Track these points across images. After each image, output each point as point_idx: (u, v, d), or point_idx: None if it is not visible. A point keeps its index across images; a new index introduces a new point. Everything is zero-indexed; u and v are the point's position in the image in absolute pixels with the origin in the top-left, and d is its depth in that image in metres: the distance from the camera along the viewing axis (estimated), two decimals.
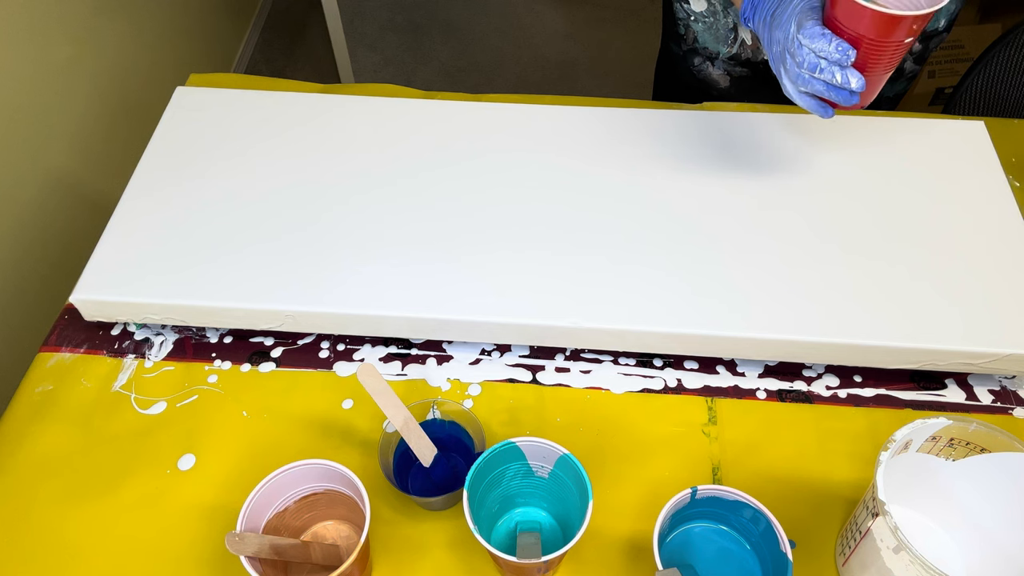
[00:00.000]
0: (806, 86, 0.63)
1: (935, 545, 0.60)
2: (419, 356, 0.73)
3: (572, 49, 2.22)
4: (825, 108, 0.65)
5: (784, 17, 0.64)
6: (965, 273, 0.69)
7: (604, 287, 0.69)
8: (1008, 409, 0.69)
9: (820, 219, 0.73)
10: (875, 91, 0.64)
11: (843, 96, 0.62)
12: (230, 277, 0.69)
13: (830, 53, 0.60)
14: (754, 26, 0.69)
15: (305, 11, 2.31)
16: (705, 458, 0.66)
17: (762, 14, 0.67)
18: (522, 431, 0.68)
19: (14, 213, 1.21)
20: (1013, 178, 0.85)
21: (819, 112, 0.65)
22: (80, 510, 0.63)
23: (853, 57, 0.60)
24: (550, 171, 0.77)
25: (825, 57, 0.60)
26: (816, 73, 0.61)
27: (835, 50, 0.60)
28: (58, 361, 0.72)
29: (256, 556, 0.54)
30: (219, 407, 0.69)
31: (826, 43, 0.60)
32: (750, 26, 0.70)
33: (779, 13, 0.64)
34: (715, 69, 0.98)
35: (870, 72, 0.62)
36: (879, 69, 0.62)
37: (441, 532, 0.62)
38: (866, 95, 0.64)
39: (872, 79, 0.62)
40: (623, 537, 0.62)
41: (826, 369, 0.71)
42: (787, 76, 0.65)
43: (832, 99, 0.63)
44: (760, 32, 0.68)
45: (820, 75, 0.61)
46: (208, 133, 0.81)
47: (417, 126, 0.82)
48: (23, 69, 1.21)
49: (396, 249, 0.71)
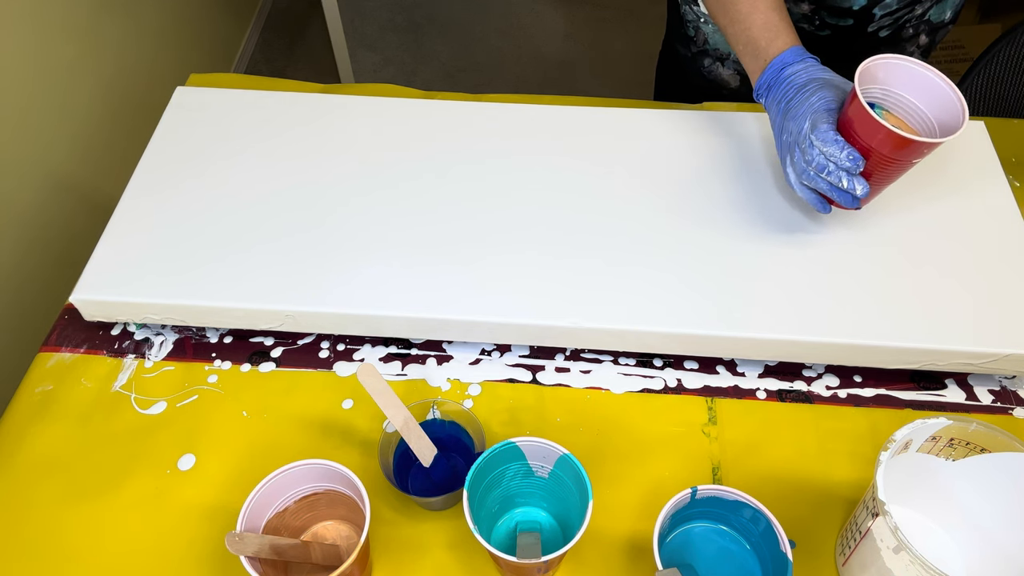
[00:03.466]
0: (811, 182, 0.64)
1: (935, 545, 0.60)
2: (419, 356, 0.73)
3: (572, 49, 2.22)
4: (824, 205, 0.67)
5: (800, 112, 0.65)
6: (965, 273, 0.69)
7: (604, 287, 0.69)
8: (1008, 409, 0.69)
9: (820, 219, 0.73)
10: (873, 197, 0.66)
11: (846, 199, 0.64)
12: (230, 277, 0.69)
13: (841, 160, 0.61)
14: (766, 105, 0.70)
15: (305, 11, 2.31)
16: (705, 458, 0.66)
17: (776, 98, 0.68)
18: (522, 431, 0.68)
19: (14, 213, 1.21)
20: (1013, 178, 0.85)
21: (818, 207, 0.67)
22: (80, 510, 0.63)
23: (862, 167, 0.61)
24: (550, 171, 0.77)
25: (835, 163, 0.61)
26: (823, 174, 0.63)
27: (846, 158, 0.61)
28: (58, 361, 0.72)
29: (256, 556, 0.53)
30: (219, 407, 0.69)
31: (838, 150, 0.61)
32: (762, 103, 0.71)
33: (795, 105, 0.66)
34: (725, 70, 0.98)
35: (874, 181, 0.63)
36: (883, 179, 0.64)
37: (441, 532, 0.62)
38: (865, 201, 0.65)
39: (874, 186, 0.64)
40: (623, 537, 0.62)
41: (826, 369, 0.71)
42: (792, 167, 0.66)
43: (834, 199, 0.65)
44: (771, 114, 0.69)
45: (827, 176, 0.62)
46: (208, 133, 0.81)
47: (417, 126, 0.82)
48: (24, 69, 1.21)
49: (396, 249, 0.71)
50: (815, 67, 0.67)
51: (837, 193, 0.63)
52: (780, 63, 0.68)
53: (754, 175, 0.77)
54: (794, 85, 0.66)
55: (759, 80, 0.70)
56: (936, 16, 0.89)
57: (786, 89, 0.67)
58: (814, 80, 0.65)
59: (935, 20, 0.89)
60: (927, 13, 0.88)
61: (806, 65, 0.67)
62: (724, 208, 0.74)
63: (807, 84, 0.65)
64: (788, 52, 0.68)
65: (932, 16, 0.89)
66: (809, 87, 0.65)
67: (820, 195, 0.66)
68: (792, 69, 0.67)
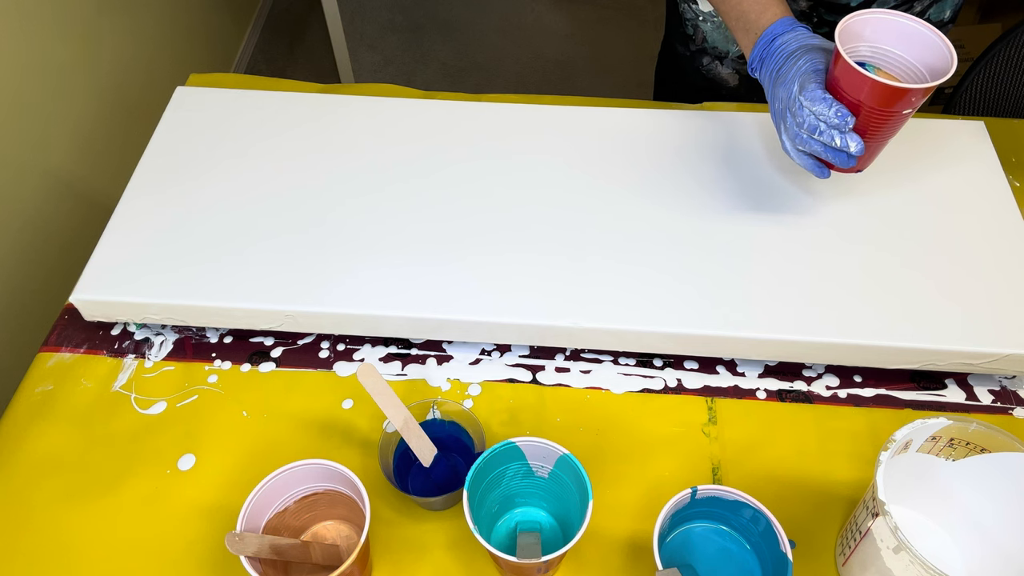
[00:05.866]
0: (804, 146, 0.64)
1: (935, 545, 0.60)
2: (419, 356, 0.73)
3: (572, 49, 2.22)
4: (822, 169, 0.66)
5: (788, 76, 0.64)
6: (965, 273, 0.69)
7: (604, 287, 0.69)
8: (1008, 409, 0.69)
9: (820, 219, 0.73)
10: (873, 156, 0.65)
11: (841, 159, 0.63)
12: (230, 277, 0.69)
13: (829, 118, 0.61)
14: (760, 78, 0.70)
15: (305, 11, 2.31)
16: (705, 458, 0.66)
17: (768, 69, 0.68)
18: (522, 431, 0.68)
19: (14, 213, 1.21)
20: (1013, 178, 0.85)
21: (815, 172, 0.66)
22: (80, 510, 0.63)
23: (852, 123, 0.61)
24: (550, 171, 0.77)
25: (825, 121, 0.61)
26: (815, 135, 0.62)
27: (834, 115, 0.60)
28: (58, 361, 0.72)
29: (256, 556, 0.53)
30: (219, 407, 0.69)
31: (826, 107, 0.61)
32: (756, 76, 0.71)
33: (784, 71, 0.65)
34: (724, 68, 0.98)
35: (869, 138, 0.62)
36: (878, 136, 0.63)
37: (441, 532, 0.62)
38: (864, 159, 0.64)
39: (871, 145, 0.63)
40: (623, 537, 0.62)
41: (826, 369, 0.71)
42: (786, 134, 0.66)
43: (830, 160, 0.64)
44: (765, 86, 0.69)
45: (819, 137, 0.62)
46: (208, 133, 0.81)
47: (417, 126, 0.82)
48: (24, 69, 1.21)
49: (396, 249, 0.71)
50: (804, 34, 0.67)
51: (832, 153, 0.63)
52: (771, 34, 0.68)
53: (754, 175, 0.77)
54: (784, 53, 0.66)
55: (752, 53, 0.70)
56: (935, 15, 0.89)
57: (777, 58, 0.67)
58: (803, 46, 0.65)
59: (934, 19, 0.89)
60: (926, 12, 0.88)
61: (796, 33, 0.67)
62: (724, 208, 0.74)
63: (796, 50, 0.65)
64: (778, 23, 0.68)
65: (931, 15, 0.89)
66: (797, 53, 0.65)
67: (817, 159, 0.65)
68: (783, 39, 0.67)
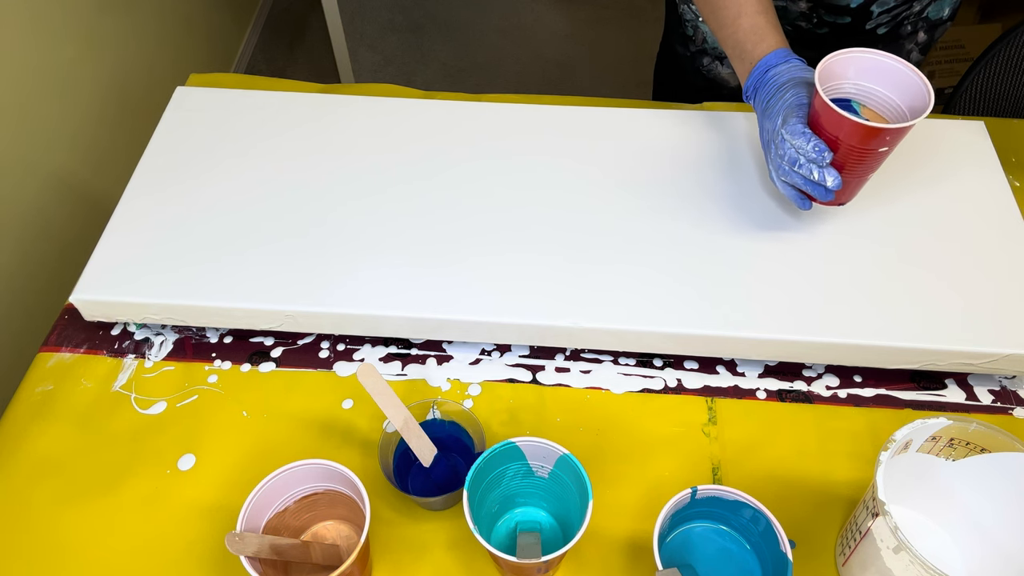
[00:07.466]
0: (786, 177, 0.66)
1: (935, 545, 0.60)
2: (419, 356, 0.73)
3: (572, 49, 2.22)
4: (804, 200, 0.68)
5: (775, 109, 0.67)
6: (965, 273, 0.69)
7: (604, 287, 0.69)
8: (1008, 409, 0.69)
9: (819, 219, 0.73)
10: (854, 191, 0.67)
11: (819, 192, 0.65)
12: (230, 277, 0.69)
13: (807, 152, 0.63)
14: (754, 106, 0.72)
15: (305, 11, 2.31)
16: (705, 458, 0.66)
17: (760, 99, 0.70)
18: (522, 431, 0.68)
19: (15, 213, 1.21)
20: (1013, 178, 0.85)
21: (798, 203, 0.68)
22: (79, 510, 0.63)
23: (829, 158, 0.62)
24: (550, 171, 0.77)
25: (803, 155, 0.63)
26: (796, 167, 0.64)
27: (812, 150, 0.62)
28: (58, 361, 0.72)
29: (256, 556, 0.53)
30: (219, 407, 0.69)
31: (804, 142, 0.63)
32: (751, 104, 0.72)
33: (772, 103, 0.68)
34: (724, 68, 0.98)
35: (848, 173, 0.64)
36: (857, 172, 0.64)
37: (441, 532, 0.62)
38: (844, 194, 0.66)
39: (850, 180, 0.65)
40: (623, 537, 0.62)
41: (826, 369, 0.71)
42: (772, 165, 0.68)
43: (810, 192, 0.66)
44: (757, 114, 0.71)
45: (799, 170, 0.64)
46: (208, 133, 0.81)
47: (417, 126, 0.82)
48: (24, 69, 1.21)
49: (396, 249, 0.71)
50: (797, 67, 0.68)
51: (811, 186, 0.65)
52: (764, 65, 0.69)
53: (754, 175, 0.77)
54: (775, 84, 0.68)
55: (746, 83, 0.72)
56: (934, 13, 0.89)
57: (768, 89, 0.68)
58: (793, 79, 0.67)
59: (933, 17, 0.90)
60: (925, 10, 0.88)
61: (789, 66, 0.68)
62: (724, 208, 0.74)
63: (786, 83, 0.67)
64: (772, 54, 0.69)
65: (930, 13, 0.89)
66: (787, 85, 0.67)
67: (799, 191, 0.67)
68: (775, 71, 0.69)
